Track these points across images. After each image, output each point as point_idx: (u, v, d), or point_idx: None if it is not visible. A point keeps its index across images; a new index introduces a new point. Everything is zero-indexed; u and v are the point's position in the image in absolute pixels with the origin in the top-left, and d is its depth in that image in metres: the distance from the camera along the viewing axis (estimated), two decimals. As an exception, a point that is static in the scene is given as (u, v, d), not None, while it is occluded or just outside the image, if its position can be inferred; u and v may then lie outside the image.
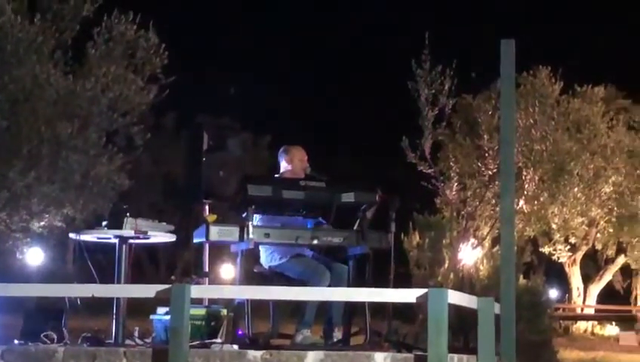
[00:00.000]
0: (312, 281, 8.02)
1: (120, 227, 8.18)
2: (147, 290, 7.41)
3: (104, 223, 8.39)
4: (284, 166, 8.71)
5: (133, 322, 8.43)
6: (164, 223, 8.53)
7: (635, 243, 25.25)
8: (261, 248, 8.32)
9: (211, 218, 8.13)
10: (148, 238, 8.45)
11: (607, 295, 29.18)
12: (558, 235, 24.79)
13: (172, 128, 26.26)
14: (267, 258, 8.36)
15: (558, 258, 26.11)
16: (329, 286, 8.06)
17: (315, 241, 8.11)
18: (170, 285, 7.16)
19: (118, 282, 8.18)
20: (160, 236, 8.55)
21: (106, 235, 8.36)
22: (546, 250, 25.88)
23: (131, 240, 8.30)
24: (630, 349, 20.95)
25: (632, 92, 26.56)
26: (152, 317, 8.09)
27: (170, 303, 7.09)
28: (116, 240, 8.29)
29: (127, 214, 8.21)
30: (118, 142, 12.02)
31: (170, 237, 8.63)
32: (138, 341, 7.88)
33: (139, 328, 8.19)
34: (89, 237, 8.50)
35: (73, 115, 11.58)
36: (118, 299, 8.17)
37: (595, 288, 27.77)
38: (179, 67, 12.56)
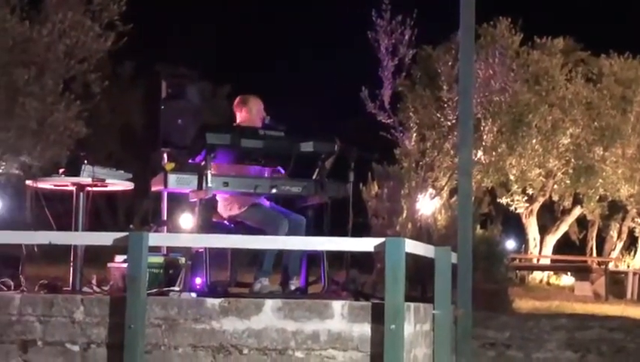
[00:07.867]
0: (270, 230, 8.04)
1: (77, 174, 8.15)
2: (105, 238, 7.40)
3: (61, 171, 8.35)
4: (242, 116, 8.69)
5: (90, 270, 8.41)
6: (122, 171, 8.50)
7: (592, 194, 25.41)
8: (219, 197, 8.32)
9: (169, 166, 8.10)
10: (105, 186, 8.42)
11: (563, 245, 29.41)
12: (516, 186, 24.92)
13: (130, 76, 25.92)
14: (225, 207, 8.36)
15: (516, 209, 26.25)
16: (287, 235, 8.09)
17: (274, 190, 8.12)
18: (127, 233, 7.15)
19: (76, 230, 8.15)
20: (118, 184, 8.53)
21: (63, 183, 8.32)
22: (503, 201, 26.01)
23: (89, 188, 8.26)
24: (585, 299, 21.13)
25: (590, 44, 26.66)
26: (109, 265, 8.08)
27: (127, 251, 7.09)
28: (74, 188, 8.26)
29: (85, 162, 8.17)
30: (75, 90, 11.90)
31: (128, 185, 8.61)
32: (96, 288, 7.87)
33: (96, 276, 8.18)
34: (46, 184, 8.46)
35: (29, 61, 11.44)
36: (75, 246, 8.15)
37: (552, 239, 27.95)
38: (137, 15, 12.42)
